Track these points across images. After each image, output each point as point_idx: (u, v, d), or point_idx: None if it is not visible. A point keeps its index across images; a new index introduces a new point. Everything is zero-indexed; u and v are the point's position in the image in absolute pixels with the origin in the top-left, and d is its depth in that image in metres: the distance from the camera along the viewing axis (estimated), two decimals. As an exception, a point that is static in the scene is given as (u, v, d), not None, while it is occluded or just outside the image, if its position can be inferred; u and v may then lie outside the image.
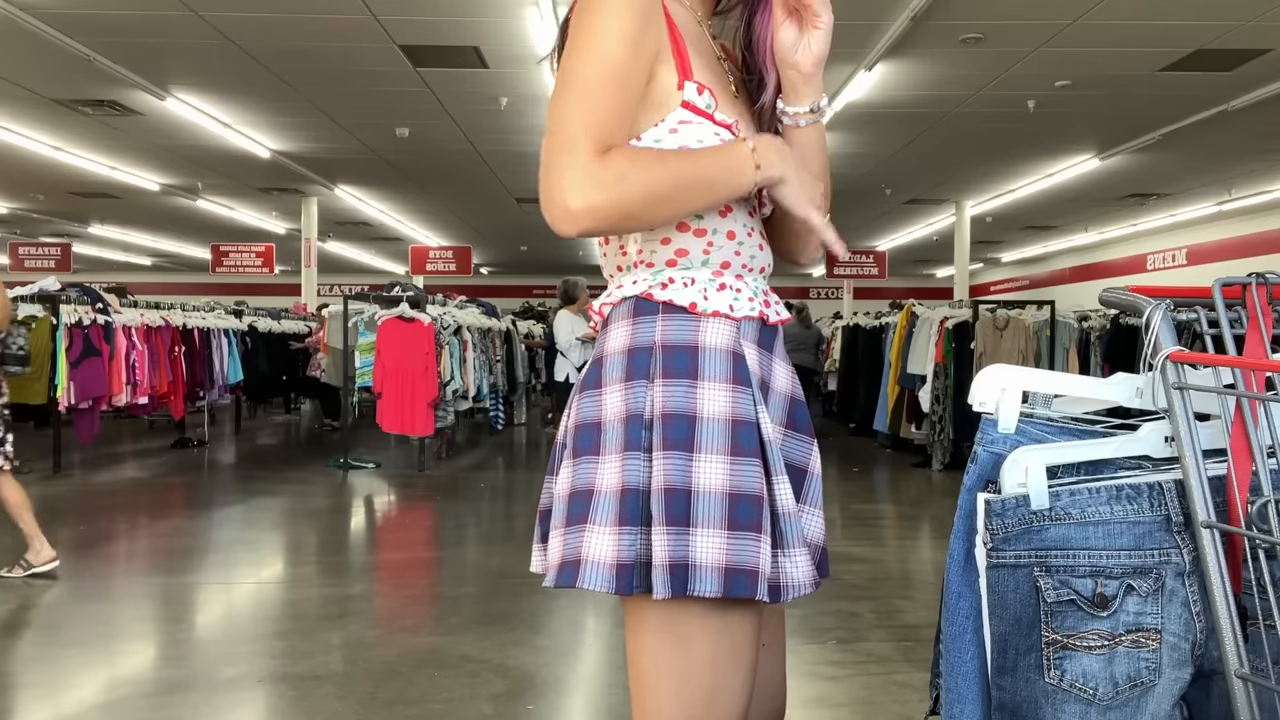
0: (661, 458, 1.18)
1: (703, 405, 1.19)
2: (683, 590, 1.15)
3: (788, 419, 1.30)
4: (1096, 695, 1.27)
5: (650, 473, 1.18)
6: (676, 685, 1.19)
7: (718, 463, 1.17)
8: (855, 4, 6.88)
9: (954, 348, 8.35)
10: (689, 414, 1.19)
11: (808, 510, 1.29)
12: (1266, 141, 10.92)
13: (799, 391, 1.34)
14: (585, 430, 1.23)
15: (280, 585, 4.65)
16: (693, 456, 1.17)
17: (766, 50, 1.32)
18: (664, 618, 1.18)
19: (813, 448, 1.33)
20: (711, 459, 1.17)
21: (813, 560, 1.25)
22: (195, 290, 23.03)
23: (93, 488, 7.44)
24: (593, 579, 1.17)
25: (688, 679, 1.19)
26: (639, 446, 1.19)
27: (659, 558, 1.16)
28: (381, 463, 8.57)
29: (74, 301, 8.08)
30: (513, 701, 3.03)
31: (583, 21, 1.19)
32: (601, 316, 1.29)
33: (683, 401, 1.19)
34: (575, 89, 1.15)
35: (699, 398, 1.19)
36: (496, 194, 14.82)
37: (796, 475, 1.28)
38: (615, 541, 1.17)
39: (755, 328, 1.26)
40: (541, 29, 7.32)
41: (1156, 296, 1.34)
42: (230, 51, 7.94)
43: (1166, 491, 1.29)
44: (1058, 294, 15.56)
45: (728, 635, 1.19)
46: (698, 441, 1.18)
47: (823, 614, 4.03)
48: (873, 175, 13.19)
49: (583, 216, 1.12)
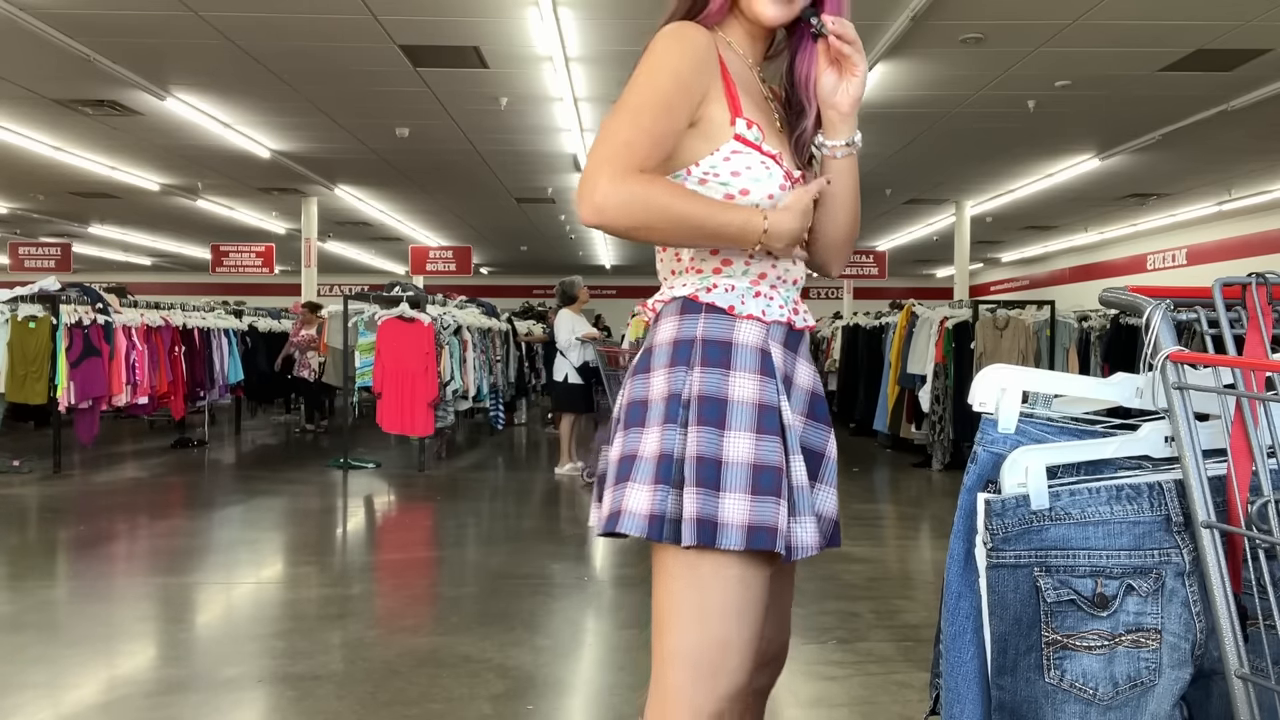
0: (695, 431, 1.38)
1: (734, 390, 1.41)
2: (710, 542, 1.35)
3: (808, 410, 1.51)
4: (1096, 695, 1.27)
5: (685, 443, 1.39)
6: (693, 629, 1.38)
7: (745, 439, 1.38)
8: (855, 4, 6.85)
9: (954, 348, 8.34)
10: (721, 397, 1.40)
11: (823, 488, 1.51)
12: (1266, 141, 10.92)
13: (819, 387, 1.55)
14: (634, 407, 1.45)
15: (280, 585, 4.66)
16: (723, 433, 1.38)
17: (807, 87, 1.54)
18: (687, 566, 1.38)
19: (829, 435, 1.54)
20: (740, 435, 1.38)
21: (823, 531, 1.47)
22: (195, 290, 23.04)
23: (93, 488, 7.44)
24: (629, 525, 1.38)
25: (704, 624, 1.37)
26: (676, 421, 1.40)
27: (689, 511, 1.36)
28: (381, 463, 8.57)
29: (74, 301, 8.07)
30: (513, 701, 3.03)
31: (648, 55, 1.40)
32: (654, 312, 1.51)
33: (717, 386, 1.41)
34: (627, 111, 1.36)
35: (731, 384, 1.41)
36: (496, 194, 14.82)
37: (815, 458, 1.50)
38: (650, 496, 1.38)
39: (783, 331, 1.48)
40: (541, 29, 7.32)
41: (1156, 296, 1.34)
42: (230, 51, 7.94)
43: (1166, 491, 1.29)
44: (1058, 294, 15.56)
45: (742, 586, 1.38)
46: (728, 420, 1.39)
47: (823, 614, 4.03)
48: (873, 175, 13.19)
49: (595, 216, 1.34)
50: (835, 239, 1.57)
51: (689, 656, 1.37)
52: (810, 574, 4.74)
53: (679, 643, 1.38)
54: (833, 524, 1.50)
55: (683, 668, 1.38)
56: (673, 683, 1.38)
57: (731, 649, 1.38)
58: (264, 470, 8.57)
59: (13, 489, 7.20)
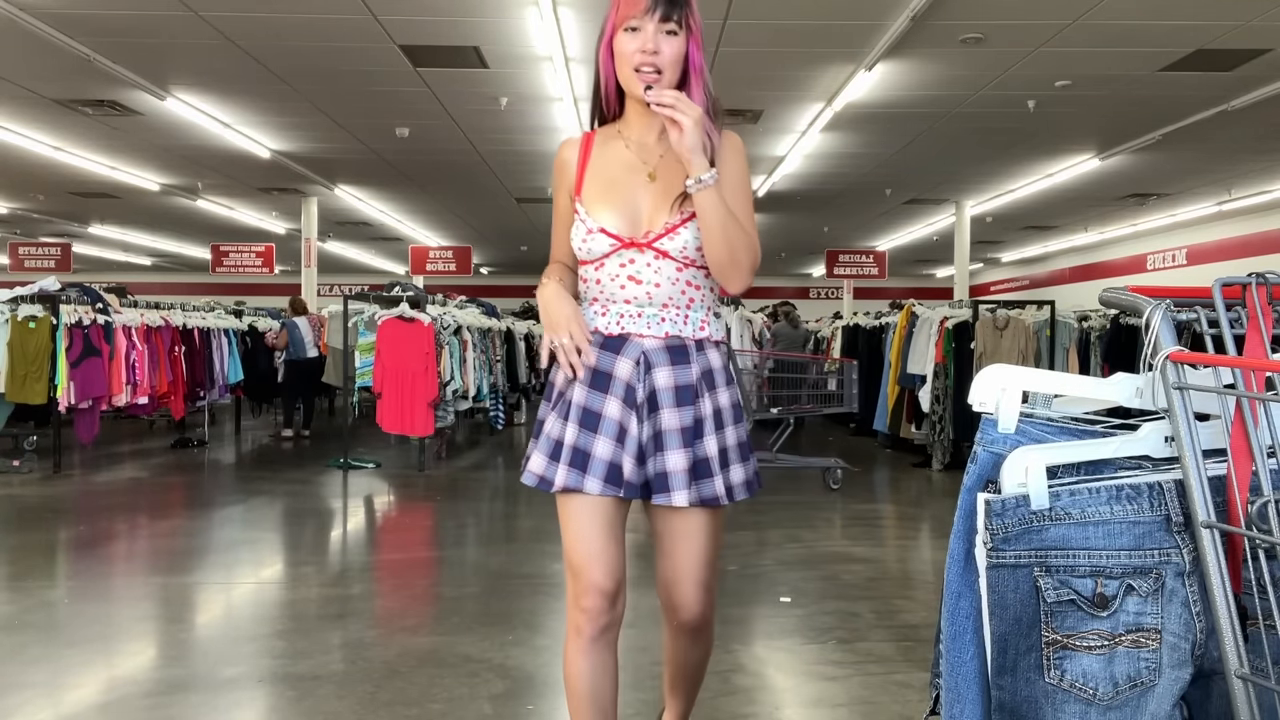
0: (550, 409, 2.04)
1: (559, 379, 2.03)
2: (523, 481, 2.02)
3: (623, 395, 1.95)
4: (1096, 695, 1.27)
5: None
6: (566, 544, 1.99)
7: (553, 417, 2.01)
8: (855, 4, 6.88)
9: (954, 348, 8.34)
10: (552, 382, 2.04)
11: (622, 453, 1.94)
12: (1266, 141, 10.92)
13: (640, 380, 1.96)
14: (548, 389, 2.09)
15: (280, 585, 4.65)
16: (545, 405, 2.06)
17: None
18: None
19: (633, 415, 1.95)
20: (552, 415, 2.02)
21: (616, 481, 1.94)
22: (195, 290, 23.04)
23: (93, 488, 7.44)
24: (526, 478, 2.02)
25: (565, 540, 1.98)
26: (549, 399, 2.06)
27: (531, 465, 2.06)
28: (381, 463, 8.57)
29: (74, 301, 8.07)
30: (513, 701, 3.03)
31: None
32: None
33: (554, 375, 2.03)
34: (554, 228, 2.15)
35: (557, 375, 2.03)
36: (496, 194, 14.82)
37: (621, 430, 1.95)
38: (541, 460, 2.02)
39: (599, 339, 1.99)
40: (541, 29, 7.32)
41: (1156, 296, 1.34)
42: (230, 51, 7.94)
43: (1166, 491, 1.29)
44: (1058, 294, 15.56)
45: (565, 513, 1.96)
46: (548, 398, 2.05)
47: (823, 614, 4.03)
48: (873, 175, 13.20)
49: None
50: (713, 263, 1.92)
51: (566, 567, 1.97)
52: (810, 574, 4.74)
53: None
54: (629, 483, 1.93)
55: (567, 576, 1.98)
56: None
57: (572, 554, 1.94)
58: (264, 470, 8.57)
59: (13, 489, 7.20)
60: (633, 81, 1.92)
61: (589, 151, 2.04)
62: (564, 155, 2.06)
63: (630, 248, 1.96)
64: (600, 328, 1.99)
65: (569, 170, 2.05)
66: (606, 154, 2.03)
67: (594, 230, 1.97)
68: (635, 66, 1.90)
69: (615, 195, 1.99)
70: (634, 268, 1.97)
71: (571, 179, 2.04)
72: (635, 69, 1.90)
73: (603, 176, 2.02)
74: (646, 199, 1.98)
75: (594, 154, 2.04)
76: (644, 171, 1.99)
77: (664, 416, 1.95)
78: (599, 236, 1.97)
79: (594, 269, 1.99)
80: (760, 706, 3.02)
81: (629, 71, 1.91)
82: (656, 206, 1.97)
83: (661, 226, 1.95)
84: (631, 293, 1.98)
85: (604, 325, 1.99)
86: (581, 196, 2.01)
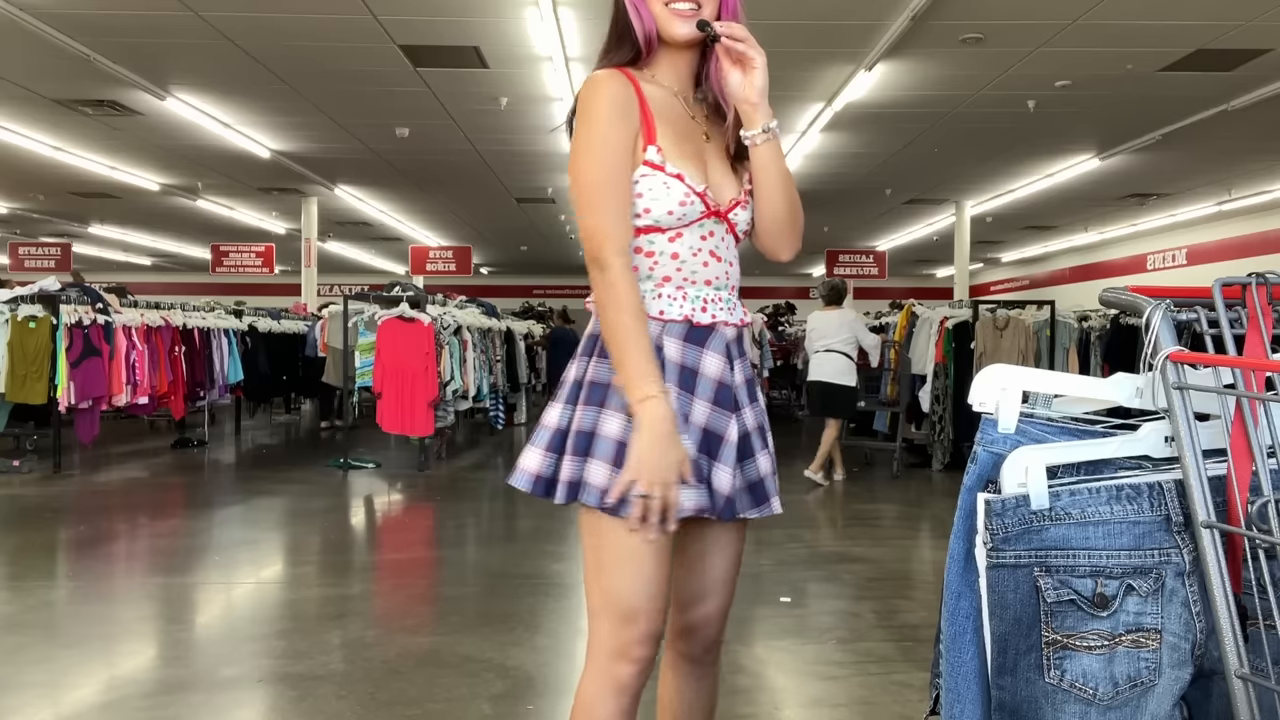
0: (580, 409, 1.60)
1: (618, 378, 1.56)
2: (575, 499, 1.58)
3: (713, 397, 1.62)
4: (1096, 695, 1.27)
5: (572, 418, 1.60)
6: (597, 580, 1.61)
7: (618, 418, 1.56)
8: (855, 4, 6.88)
9: (954, 348, 8.35)
10: (606, 382, 1.58)
11: (719, 466, 1.61)
12: (1266, 141, 10.91)
13: (732, 378, 1.65)
14: (559, 385, 1.69)
15: (280, 585, 4.65)
16: (601, 411, 1.57)
17: (720, 90, 1.68)
18: (589, 525, 1.60)
19: (731, 420, 1.63)
20: (614, 415, 1.56)
21: (715, 503, 1.60)
22: (195, 290, 23.02)
23: (93, 488, 7.43)
24: (517, 480, 1.63)
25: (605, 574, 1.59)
26: (572, 401, 1.62)
27: (563, 474, 1.59)
28: (381, 463, 8.57)
29: (74, 301, 8.07)
30: (513, 701, 3.03)
31: (582, 123, 1.60)
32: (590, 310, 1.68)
33: (606, 373, 1.58)
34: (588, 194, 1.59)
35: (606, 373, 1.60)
36: (496, 194, 14.82)
37: (714, 440, 1.62)
38: (540, 459, 1.62)
39: (682, 328, 1.62)
40: (541, 29, 7.32)
41: (1156, 296, 1.34)
42: (230, 51, 7.94)
43: (1166, 491, 1.29)
44: (1058, 294, 15.55)
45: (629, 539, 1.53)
46: (608, 401, 1.57)
47: (823, 614, 4.03)
48: (873, 175, 13.19)
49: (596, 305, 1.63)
50: (772, 223, 1.69)
51: (604, 608, 1.59)
52: (810, 574, 4.74)
53: (592, 594, 1.61)
54: (725, 499, 1.60)
55: (599, 617, 1.61)
56: (593, 630, 1.62)
57: (629, 596, 1.56)
58: (264, 470, 8.57)
59: (13, 489, 7.20)
60: (668, 19, 1.62)
61: (642, 93, 1.63)
62: (616, 89, 1.59)
63: (711, 217, 1.64)
64: (688, 315, 1.62)
65: (634, 108, 1.60)
66: (658, 101, 1.65)
67: (691, 192, 1.61)
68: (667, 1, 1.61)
69: (691, 152, 1.65)
70: (713, 241, 1.65)
71: (638, 120, 1.60)
72: (667, 2, 1.61)
73: (674, 128, 1.64)
74: (714, 162, 1.68)
75: (647, 95, 1.64)
76: (699, 129, 1.69)
77: (746, 416, 1.68)
78: (695, 201, 1.61)
79: (667, 239, 1.62)
80: (760, 706, 3.03)
81: (660, 7, 1.62)
82: (723, 172, 1.68)
83: (740, 194, 1.68)
84: (714, 272, 1.65)
85: (690, 312, 1.61)
86: (661, 146, 1.61)
